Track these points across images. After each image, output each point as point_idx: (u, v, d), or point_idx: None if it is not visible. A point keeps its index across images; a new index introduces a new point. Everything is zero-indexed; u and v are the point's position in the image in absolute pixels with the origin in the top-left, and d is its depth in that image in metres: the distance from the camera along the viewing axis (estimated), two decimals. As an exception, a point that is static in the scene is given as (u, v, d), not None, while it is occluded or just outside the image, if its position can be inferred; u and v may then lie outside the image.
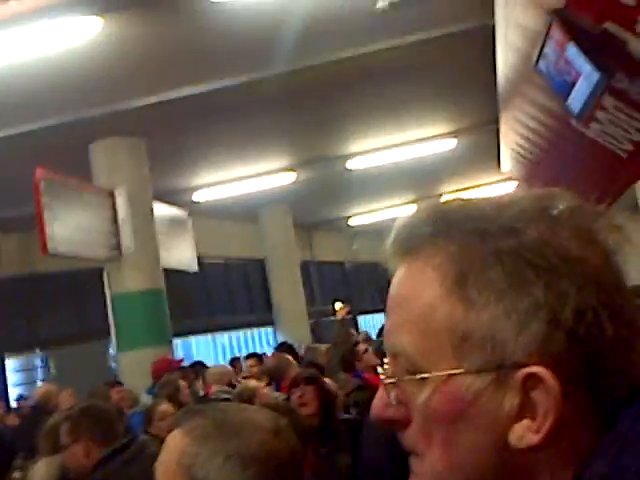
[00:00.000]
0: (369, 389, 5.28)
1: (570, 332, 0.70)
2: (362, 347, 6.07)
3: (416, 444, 0.76)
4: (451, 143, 10.95)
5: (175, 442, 1.42)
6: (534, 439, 0.70)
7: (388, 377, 0.78)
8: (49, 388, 8.14)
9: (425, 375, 0.73)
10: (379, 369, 0.80)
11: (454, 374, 0.72)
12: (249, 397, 4.93)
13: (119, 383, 7.93)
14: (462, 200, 0.80)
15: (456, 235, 0.75)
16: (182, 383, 6.09)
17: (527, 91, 6.65)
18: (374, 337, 9.22)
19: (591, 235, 0.74)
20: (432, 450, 0.74)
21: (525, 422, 0.70)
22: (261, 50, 6.60)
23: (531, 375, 0.70)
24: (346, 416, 4.70)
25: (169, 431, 1.46)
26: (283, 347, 8.49)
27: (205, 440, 1.38)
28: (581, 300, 0.70)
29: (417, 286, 0.76)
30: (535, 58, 5.06)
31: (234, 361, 9.41)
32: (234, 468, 1.35)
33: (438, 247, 0.75)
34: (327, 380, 4.89)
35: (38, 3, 5.20)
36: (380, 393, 0.79)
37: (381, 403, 0.78)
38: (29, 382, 12.31)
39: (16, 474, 4.70)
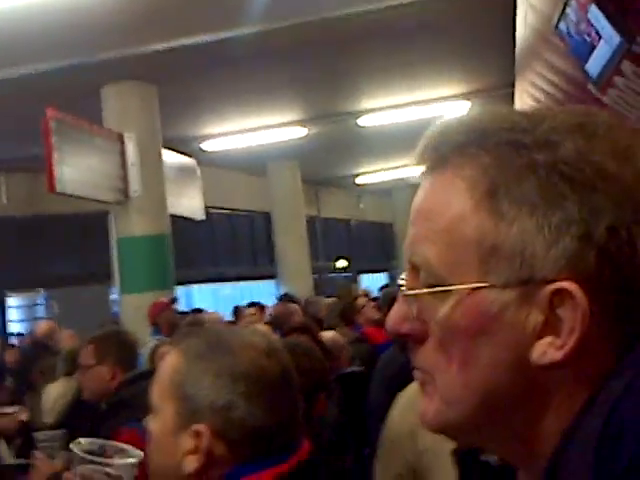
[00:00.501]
0: (367, 342, 5.33)
1: (602, 249, 0.68)
2: (361, 301, 6.13)
3: (431, 361, 0.75)
4: (464, 105, 10.86)
5: (169, 361, 1.47)
6: (557, 356, 0.69)
7: (408, 289, 0.76)
8: (50, 325, 8.26)
9: (449, 288, 0.72)
10: (401, 281, 0.78)
11: (479, 287, 0.71)
12: None
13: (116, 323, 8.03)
14: (495, 111, 0.77)
15: (489, 146, 0.72)
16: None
17: (545, 53, 6.56)
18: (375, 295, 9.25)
19: (628, 153, 0.72)
20: (449, 366, 0.73)
21: (549, 338, 0.70)
22: (275, 1, 6.51)
23: (559, 291, 0.68)
24: (350, 369, 4.76)
25: None
26: (285, 298, 8.54)
27: (196, 358, 1.42)
28: (615, 217, 0.69)
29: (445, 197, 0.74)
30: (556, 19, 4.99)
31: (237, 310, 9.47)
32: (223, 385, 1.38)
33: (469, 157, 0.73)
34: (333, 332, 4.94)
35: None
36: (397, 307, 0.77)
37: (398, 317, 0.77)
38: (30, 319, 12.44)
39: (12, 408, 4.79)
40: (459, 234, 0.72)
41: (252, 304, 8.89)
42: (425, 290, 0.73)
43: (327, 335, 4.85)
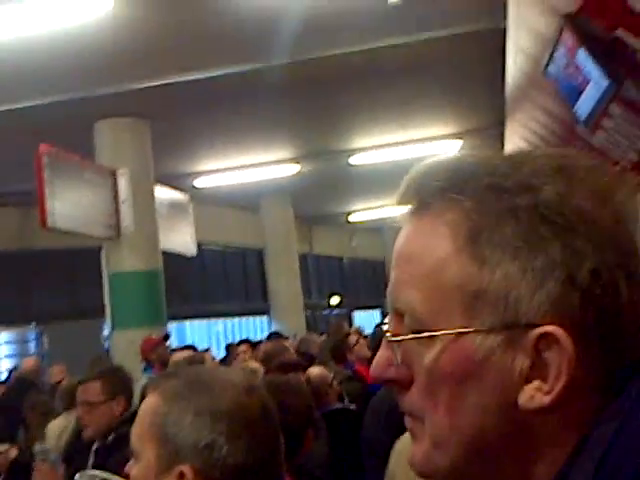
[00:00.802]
0: (359, 380, 5.31)
1: (585, 292, 0.68)
2: (353, 338, 6.11)
3: (418, 406, 0.74)
4: (456, 144, 10.95)
5: (149, 403, 1.46)
6: (545, 400, 0.69)
7: (392, 335, 0.75)
8: (36, 362, 8.28)
9: (434, 333, 0.71)
10: (385, 326, 0.78)
11: (464, 333, 0.70)
12: None
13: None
14: (475, 155, 0.77)
15: (470, 190, 0.72)
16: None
17: (535, 95, 6.64)
18: (368, 332, 9.22)
19: (607, 195, 0.72)
20: (436, 411, 0.72)
21: (536, 383, 0.69)
22: (268, 39, 6.58)
23: (545, 335, 0.68)
24: (339, 405, 4.73)
25: None
26: (274, 336, 8.51)
27: (175, 399, 1.42)
28: (598, 260, 0.68)
29: (427, 242, 0.74)
30: (545, 62, 5.06)
31: (229, 347, 9.42)
32: (204, 424, 1.38)
33: (451, 202, 0.73)
34: (320, 368, 4.91)
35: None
36: (381, 352, 0.77)
37: (382, 362, 0.76)
38: (22, 355, 12.35)
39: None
40: (442, 279, 0.71)
41: (243, 341, 8.85)
42: (410, 336, 0.73)
43: (314, 371, 4.82)
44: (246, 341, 8.84)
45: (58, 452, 3.38)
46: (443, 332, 0.71)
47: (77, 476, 1.91)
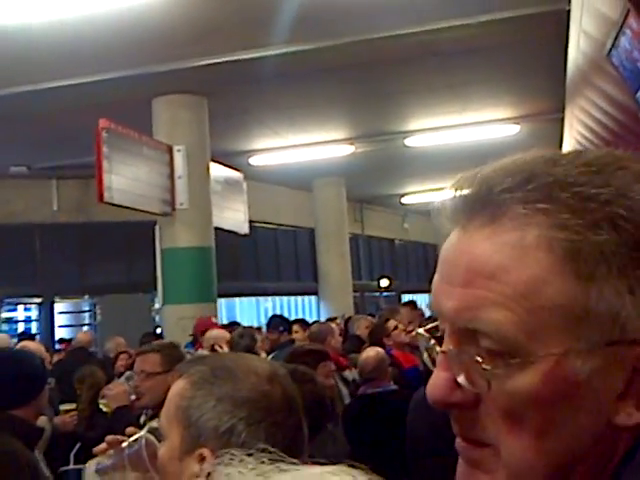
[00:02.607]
0: (395, 365, 5.32)
1: None
2: (392, 324, 6.06)
3: (491, 433, 0.67)
4: (513, 129, 10.79)
5: (176, 387, 1.52)
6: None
7: (470, 359, 0.67)
8: (90, 334, 8.54)
9: (529, 358, 0.65)
10: (440, 348, 0.71)
11: (564, 354, 0.65)
12: None
13: (159, 336, 8.12)
14: (542, 156, 0.70)
15: (561, 200, 0.66)
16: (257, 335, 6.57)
17: (597, 81, 6.50)
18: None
19: None
20: (520, 438, 0.66)
21: (633, 400, 0.66)
22: (327, 19, 6.57)
23: None
24: (393, 387, 4.80)
25: None
26: (276, 319, 8.54)
27: (200, 384, 1.46)
28: None
29: (517, 257, 0.66)
30: (608, 47, 4.95)
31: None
32: (225, 410, 1.42)
33: (538, 213, 0.66)
34: (376, 349, 4.96)
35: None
36: (441, 374, 0.70)
37: (444, 385, 0.69)
38: (76, 325, 12.66)
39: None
40: (541, 299, 0.65)
41: (297, 320, 8.93)
42: (510, 361, 0.65)
43: (371, 352, 4.91)
44: (301, 321, 8.90)
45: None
46: (540, 355, 0.65)
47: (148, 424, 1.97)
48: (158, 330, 9.59)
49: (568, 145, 10.07)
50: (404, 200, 17.14)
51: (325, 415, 2.77)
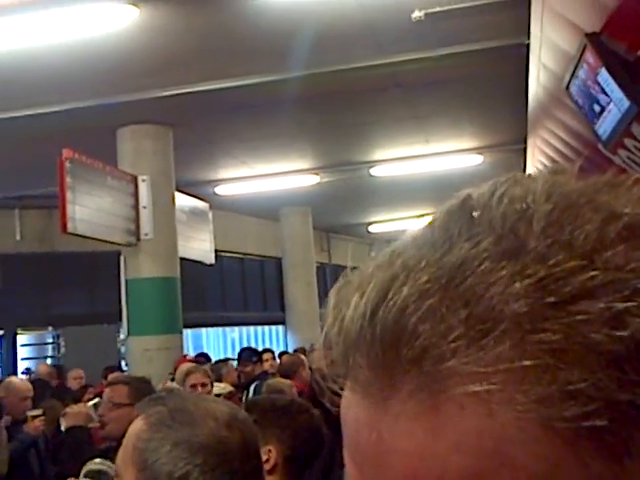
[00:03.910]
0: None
1: None
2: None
3: None
4: (477, 159, 10.93)
5: (134, 427, 1.49)
6: None
7: None
8: (49, 367, 8.53)
9: None
10: None
11: None
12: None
13: (120, 369, 8.05)
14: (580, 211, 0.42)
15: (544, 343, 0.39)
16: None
17: (557, 113, 6.62)
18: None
19: None
20: None
21: None
22: (290, 50, 6.62)
23: None
24: None
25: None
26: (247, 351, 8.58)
27: (158, 427, 1.44)
28: None
29: (490, 453, 0.40)
30: (567, 80, 5.05)
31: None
32: (181, 455, 1.39)
33: (509, 373, 0.40)
34: None
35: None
36: None
37: None
38: (39, 357, 12.46)
39: None
40: None
41: (266, 350, 8.95)
42: None
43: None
44: (270, 350, 8.92)
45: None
46: None
47: (86, 467, 1.95)
48: (122, 363, 9.50)
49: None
50: (371, 229, 17.22)
51: (321, 445, 2.76)
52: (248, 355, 8.08)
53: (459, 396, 0.40)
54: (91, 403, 5.92)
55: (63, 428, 4.47)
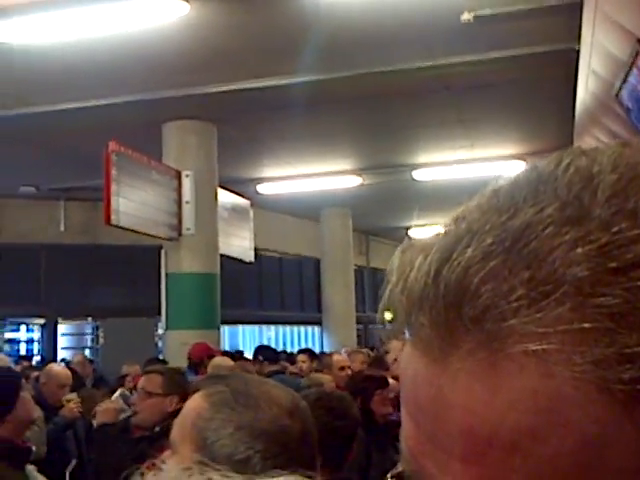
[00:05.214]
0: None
1: None
2: (392, 356, 5.94)
3: None
4: (520, 165, 10.80)
5: (194, 404, 1.47)
6: None
7: None
8: (81, 357, 8.73)
9: None
10: None
11: None
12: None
13: (162, 361, 8.09)
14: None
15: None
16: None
17: (604, 120, 6.53)
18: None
19: None
20: None
21: None
22: (341, 50, 6.63)
23: None
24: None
25: None
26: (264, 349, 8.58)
27: (221, 407, 1.42)
28: None
29: (546, 409, 0.40)
30: (617, 87, 4.98)
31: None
32: (243, 439, 1.38)
33: (569, 335, 0.40)
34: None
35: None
36: None
37: None
38: (78, 347, 12.64)
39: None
40: (605, 472, 0.40)
41: (303, 350, 8.94)
42: None
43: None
44: (307, 350, 8.90)
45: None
46: None
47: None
48: (160, 356, 9.58)
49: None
50: (410, 233, 17.15)
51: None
52: (265, 354, 8.09)
53: (518, 355, 0.41)
54: (116, 395, 5.99)
55: (95, 425, 4.53)
